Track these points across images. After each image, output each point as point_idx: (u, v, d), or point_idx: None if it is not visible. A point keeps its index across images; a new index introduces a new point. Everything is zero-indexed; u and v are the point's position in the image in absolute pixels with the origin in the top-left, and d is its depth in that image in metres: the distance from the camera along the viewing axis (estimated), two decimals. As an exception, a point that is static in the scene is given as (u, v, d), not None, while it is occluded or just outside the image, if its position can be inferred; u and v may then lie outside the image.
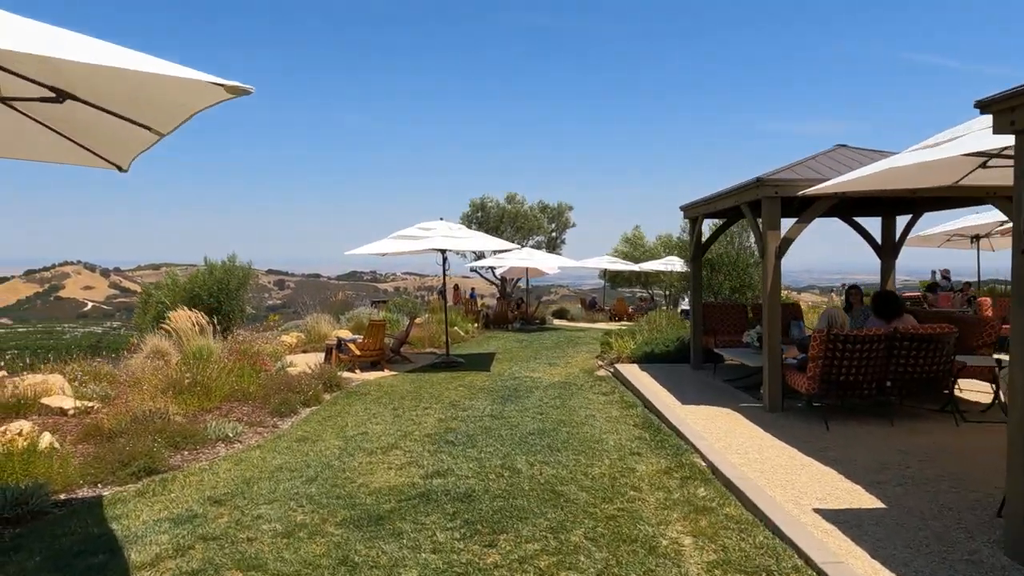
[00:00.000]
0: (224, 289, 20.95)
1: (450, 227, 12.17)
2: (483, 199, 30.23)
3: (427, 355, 13.79)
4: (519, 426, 6.73)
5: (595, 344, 15.40)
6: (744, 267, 12.96)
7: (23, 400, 7.15)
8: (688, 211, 9.18)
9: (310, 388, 8.37)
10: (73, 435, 6.32)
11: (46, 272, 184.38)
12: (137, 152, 3.67)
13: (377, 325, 11.28)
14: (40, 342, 57.27)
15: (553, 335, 18.04)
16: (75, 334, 60.41)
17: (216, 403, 7.66)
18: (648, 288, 33.30)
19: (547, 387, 9.16)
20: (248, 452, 6.03)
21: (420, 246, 11.31)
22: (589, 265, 27.23)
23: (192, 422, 6.78)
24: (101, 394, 8.00)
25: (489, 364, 12.19)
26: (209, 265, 21.23)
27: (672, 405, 7.11)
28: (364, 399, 8.65)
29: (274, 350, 11.82)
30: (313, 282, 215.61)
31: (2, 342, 57.56)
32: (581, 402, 7.94)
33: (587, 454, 5.61)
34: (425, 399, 8.54)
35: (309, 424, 7.20)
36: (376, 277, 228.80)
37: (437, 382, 10.07)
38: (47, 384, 7.68)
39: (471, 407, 7.85)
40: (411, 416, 7.45)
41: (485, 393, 8.84)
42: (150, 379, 7.85)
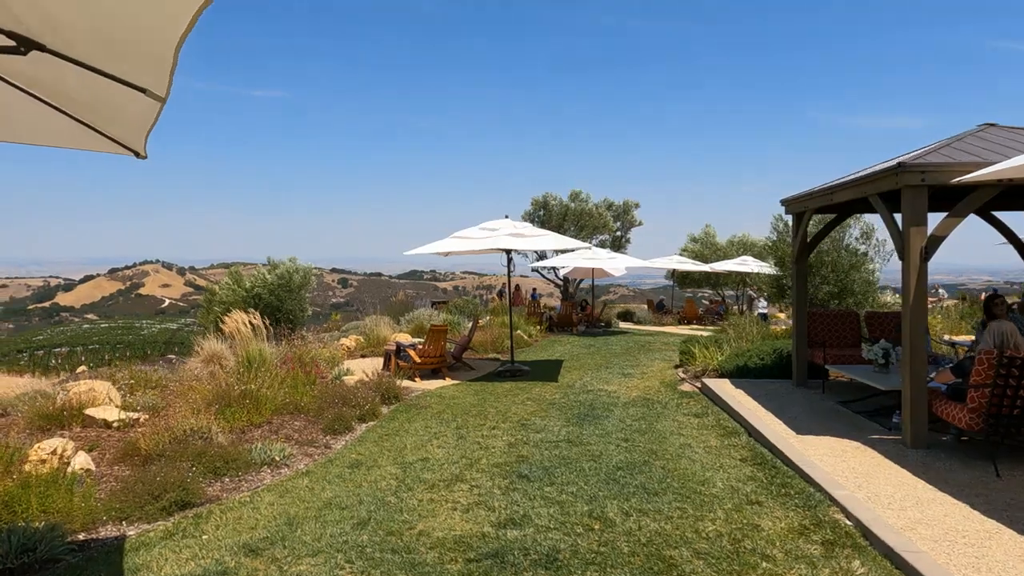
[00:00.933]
0: (285, 288, 20.86)
1: (515, 226, 11.30)
2: (545, 197, 29.28)
3: (490, 361, 12.98)
4: (603, 456, 5.76)
5: (670, 351, 14.24)
6: (845, 269, 11.49)
7: (67, 411, 6.71)
8: (791, 205, 7.97)
9: (367, 401, 7.64)
10: (111, 454, 5.76)
11: (128, 270, 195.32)
12: (146, 129, 2.97)
13: (438, 331, 10.52)
14: (120, 337, 60.03)
15: (622, 340, 16.93)
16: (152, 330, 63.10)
17: (266, 417, 7.03)
18: (718, 290, 31.58)
19: (627, 404, 8.14)
20: (295, 480, 5.30)
21: (484, 246, 10.49)
22: (657, 265, 25.89)
23: (237, 441, 6.14)
24: (149, 404, 7.52)
25: (557, 373, 11.26)
26: (271, 264, 21.17)
27: (784, 435, 5.97)
28: (424, 414, 7.87)
29: (332, 355, 11.25)
30: (375, 281, 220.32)
31: (86, 337, 60.66)
32: (671, 426, 6.89)
33: (693, 501, 4.59)
34: (491, 416, 7.68)
35: (364, 444, 6.44)
36: (436, 276, 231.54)
37: (502, 394, 9.22)
38: (93, 393, 7.24)
39: (543, 428, 6.93)
40: (477, 438, 6.60)
41: (557, 410, 7.91)
42: (198, 389, 7.30)
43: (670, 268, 27.12)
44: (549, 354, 14.16)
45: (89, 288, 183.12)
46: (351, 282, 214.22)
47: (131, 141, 3.35)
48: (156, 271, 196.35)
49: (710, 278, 30.55)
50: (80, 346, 55.84)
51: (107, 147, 3.42)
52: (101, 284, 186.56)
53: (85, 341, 58.87)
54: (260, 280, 20.34)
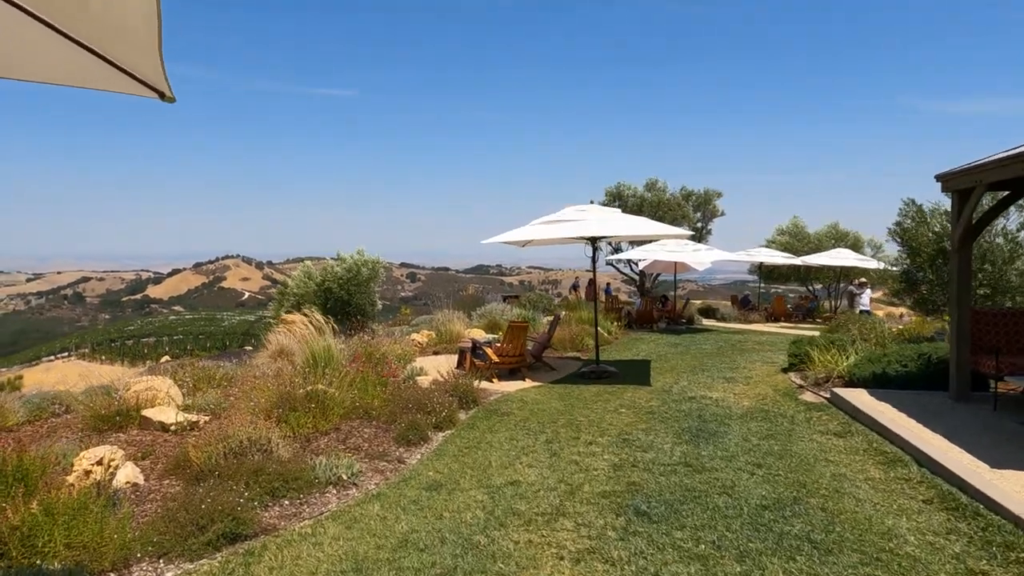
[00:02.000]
0: (354, 282, 20.51)
1: (604, 211, 10.21)
2: (619, 187, 27.91)
3: (570, 361, 11.95)
4: (737, 488, 4.62)
5: (769, 352, 12.81)
6: (1001, 262, 9.69)
7: (124, 412, 6.15)
8: (954, 180, 6.51)
9: (443, 407, 6.77)
10: (163, 464, 5.10)
11: (211, 265, 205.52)
12: (160, 66, 2.22)
13: (518, 328, 9.57)
14: (202, 328, 62.75)
15: (709, 339, 15.52)
16: (232, 322, 65.59)
17: (334, 423, 6.26)
18: (807, 284, 29.35)
19: (743, 417, 6.92)
20: (365, 507, 4.44)
21: (570, 233, 9.44)
22: (744, 258, 24.11)
23: (300, 452, 5.37)
24: (211, 404, 6.92)
25: (648, 376, 10.11)
26: (340, 258, 20.86)
27: (973, 467, 4.66)
28: (507, 422, 6.92)
29: (403, 352, 10.51)
30: (442, 275, 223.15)
31: (171, 328, 63.71)
32: (810, 448, 5.64)
33: (887, 566, 3.40)
34: (584, 426, 6.66)
35: (442, 459, 5.55)
36: (502, 271, 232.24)
37: (591, 400, 8.18)
38: (153, 392, 6.69)
39: (651, 446, 5.83)
40: (573, 455, 5.58)
41: (660, 422, 6.80)
42: (262, 390, 6.62)
43: (757, 262, 25.25)
44: (633, 353, 13.00)
45: (176, 281, 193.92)
46: (419, 276, 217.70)
47: (154, 80, 2.56)
48: (237, 265, 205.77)
49: (798, 272, 28.42)
50: (166, 336, 58.63)
51: (132, 88, 2.64)
52: (187, 278, 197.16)
53: (171, 332, 61.85)
54: (330, 274, 20.06)
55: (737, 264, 29.18)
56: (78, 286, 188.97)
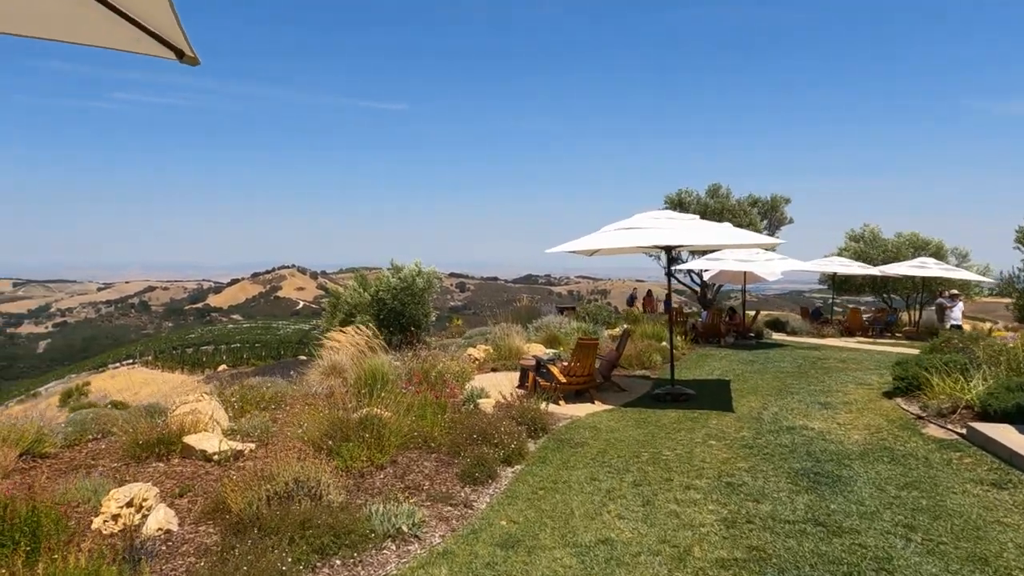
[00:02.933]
0: (408, 292, 20.00)
1: (680, 217, 9.29)
2: (680, 193, 26.75)
3: (639, 380, 11.02)
4: (897, 564, 3.65)
5: (857, 371, 11.59)
6: None
7: (165, 439, 5.60)
8: None
9: (511, 437, 5.98)
10: (202, 503, 4.47)
11: (268, 274, 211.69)
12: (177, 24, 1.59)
13: (588, 345, 8.71)
14: (258, 336, 64.07)
15: (785, 355, 14.28)
16: (287, 330, 66.79)
17: (390, 454, 5.56)
18: (885, 295, 27.46)
19: (862, 455, 5.88)
20: (429, 570, 3.69)
21: (644, 241, 8.57)
22: (816, 268, 22.59)
23: (355, 491, 4.68)
24: (258, 428, 6.33)
25: (729, 399, 9.11)
26: (394, 268, 20.41)
27: None
28: (583, 455, 6.09)
29: (461, 369, 9.80)
30: (491, 285, 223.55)
31: (229, 336, 65.26)
32: (969, 505, 4.58)
33: None
34: (674, 464, 5.76)
35: (515, 503, 4.76)
36: (550, 281, 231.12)
37: (672, 427, 7.27)
38: (197, 416, 6.14)
39: (762, 493, 4.89)
40: (669, 503, 4.71)
41: (762, 459, 5.84)
42: (312, 415, 5.99)
43: (830, 271, 23.65)
44: (706, 371, 11.96)
45: (235, 291, 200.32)
46: (468, 286, 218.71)
47: (175, 38, 1.96)
48: (292, 275, 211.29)
49: (874, 283, 26.60)
50: (224, 344, 60.02)
51: (152, 49, 2.06)
52: (245, 287, 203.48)
53: (228, 340, 63.34)
54: (384, 284, 19.61)
55: (794, 274, 27.57)
56: (144, 295, 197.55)
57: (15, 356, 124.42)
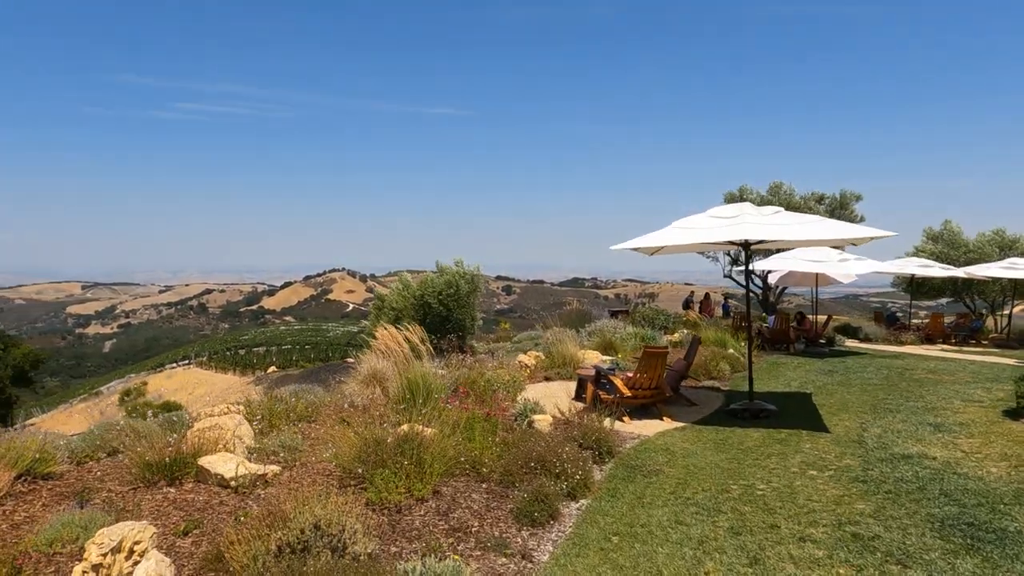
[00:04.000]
0: (454, 295, 19.23)
1: (760, 211, 8.18)
2: (741, 191, 25.29)
3: (707, 391, 9.93)
4: None
5: (954, 383, 10.22)
6: None
7: (179, 460, 4.88)
8: None
9: (574, 464, 5.05)
10: (202, 551, 3.69)
11: (319, 278, 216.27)
12: None
13: (656, 354, 7.69)
14: (309, 338, 64.72)
15: (866, 364, 12.88)
16: (336, 332, 67.33)
17: (432, 484, 4.70)
18: (964, 299, 25.32)
19: (1016, 498, 4.70)
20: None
21: (719, 237, 7.51)
22: (892, 269, 20.81)
23: (387, 539, 3.83)
24: (286, 446, 5.58)
25: (817, 416, 7.97)
26: (440, 269, 19.68)
27: None
28: (660, 487, 5.11)
29: (511, 378, 8.91)
30: (537, 288, 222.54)
31: (280, 338, 66.17)
32: None
33: None
34: (774, 502, 4.71)
35: (586, 557, 3.82)
36: (597, 283, 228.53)
37: (759, 452, 6.22)
38: (219, 431, 5.42)
39: (907, 552, 3.80)
40: (783, 562, 3.68)
41: (883, 497, 4.73)
42: (343, 437, 5.19)
43: (907, 273, 21.80)
44: (781, 383, 10.74)
45: (287, 293, 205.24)
46: (515, 289, 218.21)
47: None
48: (342, 278, 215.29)
49: (954, 285, 24.54)
50: (275, 346, 60.82)
51: None
52: (297, 290, 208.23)
53: (280, 341, 64.19)
54: (429, 286, 18.91)
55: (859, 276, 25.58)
56: (203, 297, 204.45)
57: (83, 355, 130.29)
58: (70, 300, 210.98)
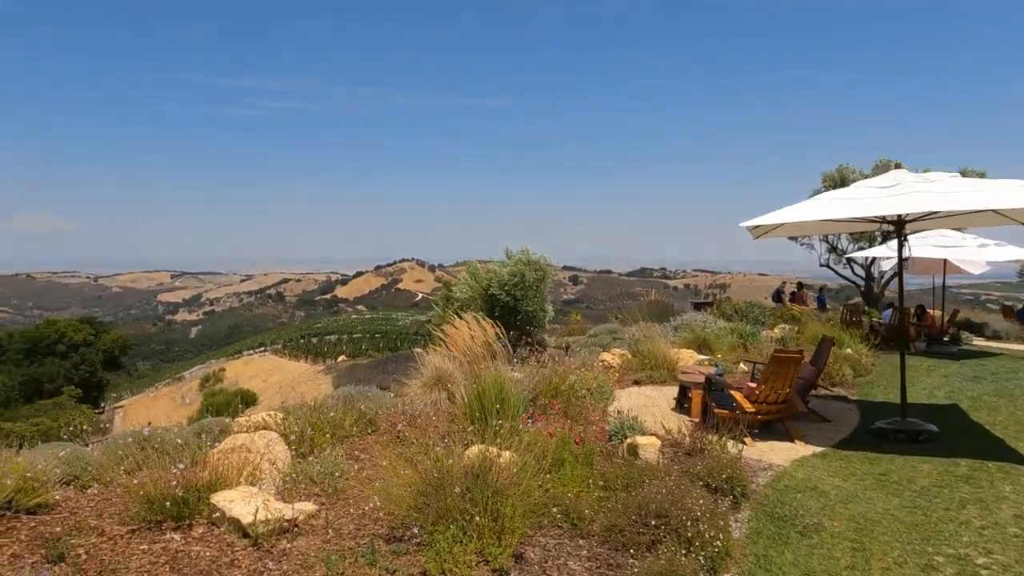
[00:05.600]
0: (520, 285, 17.98)
1: (924, 178, 6.43)
2: (841, 170, 22.83)
3: (834, 402, 8.23)
4: None
5: None
6: None
7: (189, 494, 3.79)
8: None
9: (710, 523, 3.63)
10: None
11: (389, 268, 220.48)
12: None
13: (787, 360, 6.09)
14: (379, 327, 65.34)
15: (1018, 368, 10.67)
16: (405, 321, 67.64)
17: (512, 544, 3.41)
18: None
19: None
20: None
21: (871, 211, 5.84)
22: None
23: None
24: (328, 473, 4.42)
25: (992, 439, 6.23)
26: (508, 257, 18.45)
27: None
28: (829, 557, 3.63)
29: (598, 383, 7.51)
30: (604, 278, 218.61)
31: (351, 326, 67.10)
32: None
33: None
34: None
35: None
36: (666, 274, 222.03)
37: (942, 494, 4.64)
38: (245, 454, 4.33)
39: None
40: None
41: None
42: (398, 465, 3.98)
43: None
44: (922, 392, 8.82)
45: (359, 283, 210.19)
46: (581, 279, 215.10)
47: None
48: (412, 268, 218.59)
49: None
50: (346, 334, 61.66)
51: None
52: (369, 279, 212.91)
53: (351, 330, 65.09)
54: (494, 277, 17.74)
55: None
56: (280, 286, 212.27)
57: (172, 341, 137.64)
58: (160, 288, 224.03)
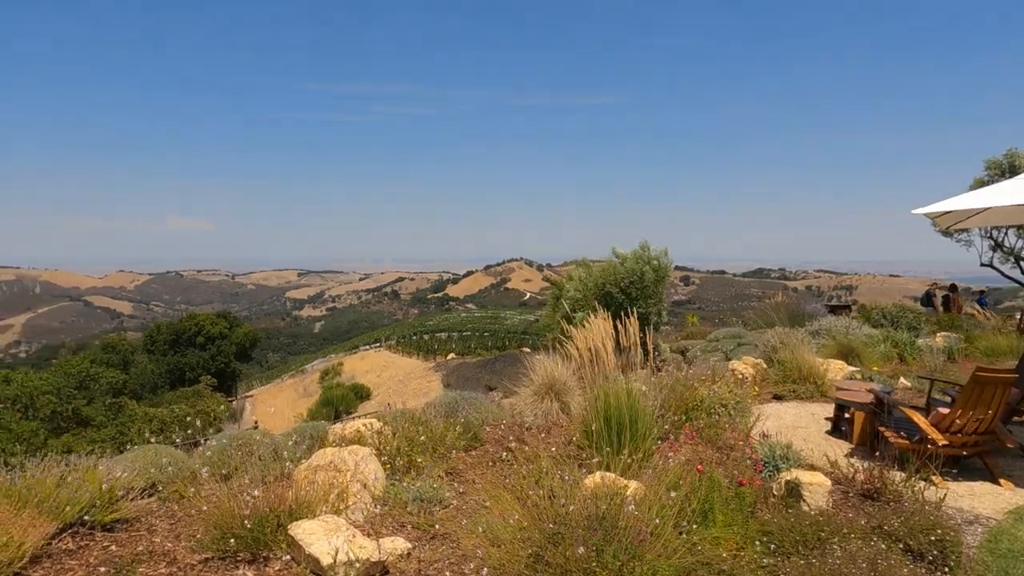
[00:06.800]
0: (638, 284, 16.89)
1: None
2: (1010, 155, 19.72)
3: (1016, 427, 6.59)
4: None
5: None
6: None
7: (268, 521, 3.28)
8: None
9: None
10: None
11: (498, 267, 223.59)
12: None
13: (994, 380, 4.76)
14: (488, 326, 65.98)
15: None
16: (513, 320, 67.88)
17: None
18: None
19: None
20: None
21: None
22: None
23: None
24: (425, 498, 3.80)
25: None
26: (619, 256, 17.41)
27: None
28: None
29: (736, 398, 6.43)
30: (718, 279, 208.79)
31: (461, 324, 68.28)
32: None
33: None
34: None
35: None
36: (784, 274, 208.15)
37: None
38: (334, 474, 3.79)
39: None
40: None
41: None
42: (504, 503, 3.27)
43: None
44: None
45: (469, 282, 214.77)
46: (693, 279, 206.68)
47: None
48: (520, 267, 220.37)
49: None
50: (456, 332, 62.74)
51: None
52: (478, 278, 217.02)
53: (460, 328, 66.19)
54: (609, 274, 16.78)
55: None
56: (396, 285, 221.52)
57: (298, 335, 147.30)
58: (288, 286, 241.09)
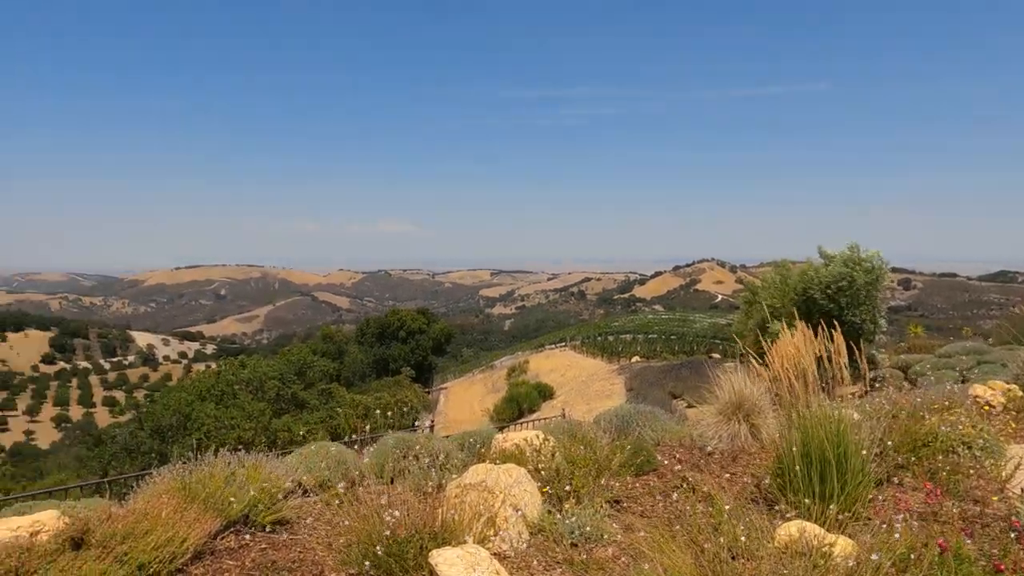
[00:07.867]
0: (846, 289, 14.70)
1: None
2: None
3: None
4: None
5: None
6: None
7: (409, 545, 3.06)
8: None
9: None
10: None
11: (688, 268, 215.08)
12: None
13: None
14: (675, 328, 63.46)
15: None
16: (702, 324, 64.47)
17: None
18: None
19: None
20: None
21: None
22: None
23: None
24: (586, 534, 3.35)
25: None
26: (826, 257, 15.30)
27: None
28: None
29: (983, 437, 5.06)
30: (947, 282, 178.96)
31: (647, 326, 66.49)
32: None
33: None
34: None
35: None
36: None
37: None
38: (486, 495, 3.49)
39: None
40: None
41: None
42: (674, 556, 2.70)
43: None
44: None
45: (657, 283, 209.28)
46: (915, 283, 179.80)
47: None
48: (711, 268, 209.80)
49: None
50: (641, 334, 61.19)
51: None
52: (667, 279, 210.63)
53: (646, 330, 64.43)
54: (812, 276, 14.84)
55: None
56: (582, 285, 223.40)
57: (489, 331, 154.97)
58: (481, 285, 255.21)
